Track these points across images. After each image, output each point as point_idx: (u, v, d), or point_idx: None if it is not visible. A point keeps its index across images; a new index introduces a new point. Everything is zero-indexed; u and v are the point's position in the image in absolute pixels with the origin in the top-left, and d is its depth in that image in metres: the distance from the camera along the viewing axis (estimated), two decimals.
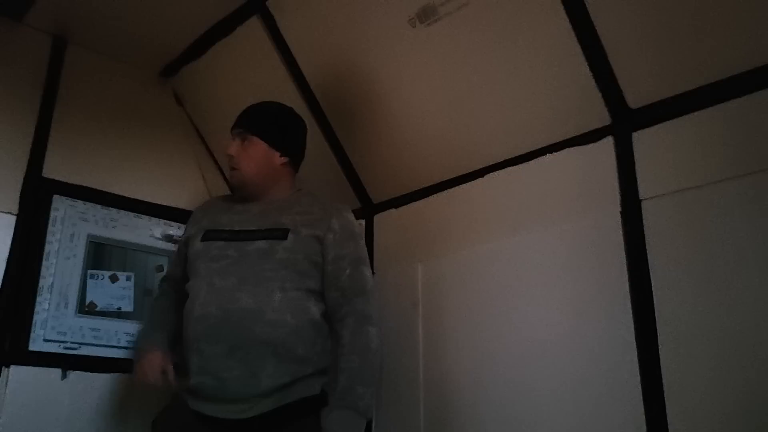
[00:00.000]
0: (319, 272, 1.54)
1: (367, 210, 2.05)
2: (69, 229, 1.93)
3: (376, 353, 1.49)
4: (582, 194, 1.50)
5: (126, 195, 2.08)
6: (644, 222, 1.37)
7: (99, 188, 2.03)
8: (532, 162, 1.62)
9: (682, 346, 1.27)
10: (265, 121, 1.64)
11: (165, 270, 2.08)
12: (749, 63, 1.28)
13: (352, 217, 1.64)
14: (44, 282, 1.85)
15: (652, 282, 1.34)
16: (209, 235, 1.58)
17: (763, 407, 1.15)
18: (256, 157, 1.61)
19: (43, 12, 1.96)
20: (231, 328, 1.43)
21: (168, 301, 1.68)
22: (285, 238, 1.51)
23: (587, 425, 1.37)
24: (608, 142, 1.48)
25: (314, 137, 2.03)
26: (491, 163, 1.71)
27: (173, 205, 2.18)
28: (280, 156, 1.63)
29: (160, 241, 2.12)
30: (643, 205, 1.39)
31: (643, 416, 1.29)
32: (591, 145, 1.51)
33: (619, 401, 1.33)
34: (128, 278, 2.04)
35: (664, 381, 1.28)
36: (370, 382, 1.44)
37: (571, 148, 1.55)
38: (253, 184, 1.62)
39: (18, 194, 1.85)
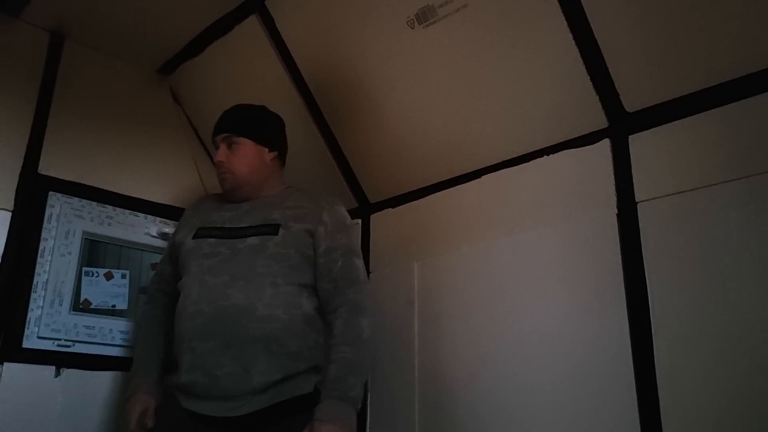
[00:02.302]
0: (311, 266, 1.54)
1: (364, 209, 2.06)
2: (64, 226, 1.93)
3: (368, 344, 1.48)
4: (578, 196, 1.51)
5: (122, 192, 2.07)
6: (640, 224, 1.39)
7: (95, 185, 2.02)
8: (529, 163, 1.63)
9: (676, 346, 1.28)
10: (248, 120, 1.66)
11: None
12: (745, 68, 1.30)
13: (342, 209, 1.65)
14: (39, 279, 1.84)
15: (648, 284, 1.35)
16: (201, 233, 1.59)
17: (755, 405, 1.17)
18: (247, 157, 1.63)
19: (41, 8, 1.95)
20: (223, 325, 1.43)
21: (154, 317, 1.68)
22: (276, 233, 1.52)
23: (582, 422, 1.38)
24: (605, 144, 1.49)
25: (311, 137, 2.04)
26: (488, 164, 1.72)
27: (169, 203, 2.18)
28: (269, 151, 1.66)
29: (156, 239, 2.12)
30: (639, 207, 1.40)
31: (637, 414, 1.30)
32: (588, 148, 1.52)
33: (613, 400, 1.34)
34: (123, 276, 2.03)
35: (658, 381, 1.29)
36: (362, 373, 1.43)
37: (568, 151, 1.56)
38: (248, 184, 1.63)
39: (13, 190, 1.84)
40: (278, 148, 1.69)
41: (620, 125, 1.48)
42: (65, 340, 1.86)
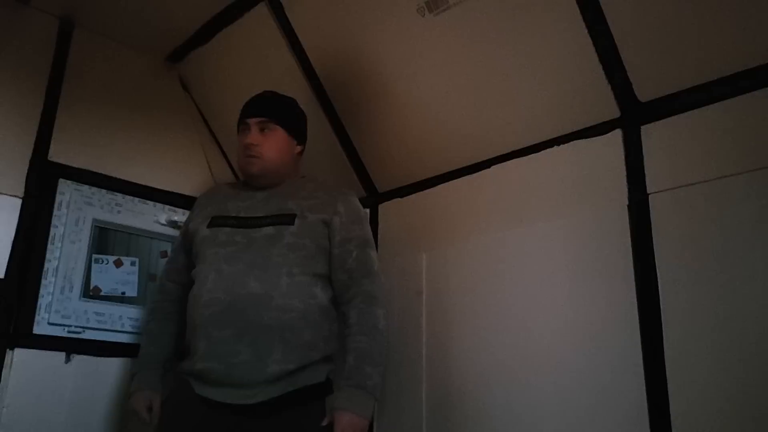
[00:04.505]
0: (326, 256, 1.55)
1: (373, 199, 2.05)
2: (74, 213, 1.94)
3: (384, 333, 1.50)
4: (589, 187, 1.50)
5: (131, 180, 2.08)
6: (651, 216, 1.37)
7: (104, 173, 2.03)
8: (539, 154, 1.62)
9: (686, 338, 1.27)
10: (285, 110, 1.68)
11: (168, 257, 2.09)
12: (760, 59, 1.27)
13: (356, 200, 1.67)
14: (49, 265, 1.85)
15: (658, 275, 1.34)
16: (216, 222, 1.59)
17: (765, 399, 1.16)
18: (279, 145, 1.64)
19: None
20: (239, 313, 1.44)
21: (164, 311, 1.69)
22: (292, 223, 1.53)
23: (590, 415, 1.38)
24: (617, 135, 1.48)
25: (321, 126, 2.03)
26: (498, 154, 1.71)
27: (178, 191, 2.19)
28: (297, 145, 1.69)
29: (165, 227, 2.13)
30: (651, 198, 1.38)
31: (646, 408, 1.29)
32: (599, 138, 1.51)
33: (622, 392, 1.34)
34: (133, 263, 2.05)
35: (667, 375, 1.28)
36: (378, 362, 1.46)
37: (579, 141, 1.54)
38: (273, 172, 1.64)
39: (24, 177, 1.85)
40: (303, 143, 1.72)
41: (633, 115, 1.46)
42: (75, 327, 1.88)
